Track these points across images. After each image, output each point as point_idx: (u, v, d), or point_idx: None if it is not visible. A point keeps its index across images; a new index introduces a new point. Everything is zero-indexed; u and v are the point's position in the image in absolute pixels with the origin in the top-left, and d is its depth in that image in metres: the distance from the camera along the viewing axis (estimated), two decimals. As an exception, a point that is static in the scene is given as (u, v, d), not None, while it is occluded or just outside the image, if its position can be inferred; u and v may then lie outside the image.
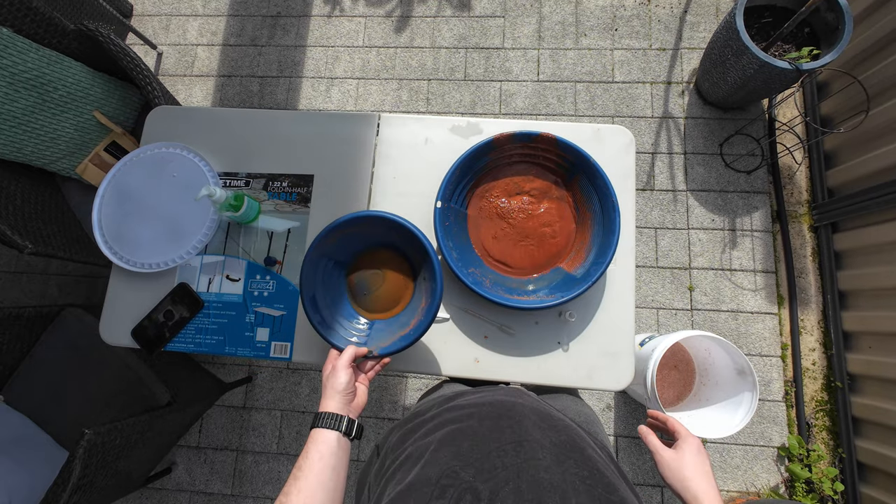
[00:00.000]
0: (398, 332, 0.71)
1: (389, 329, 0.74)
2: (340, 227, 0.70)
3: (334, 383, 0.61)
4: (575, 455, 0.43)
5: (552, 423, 0.49)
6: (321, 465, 0.53)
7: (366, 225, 0.72)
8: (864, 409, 1.37)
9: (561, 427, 0.48)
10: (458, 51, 1.82)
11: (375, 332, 0.74)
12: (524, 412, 0.49)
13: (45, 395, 1.19)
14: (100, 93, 1.23)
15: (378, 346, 0.69)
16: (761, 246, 1.58)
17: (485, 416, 0.48)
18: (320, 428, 0.56)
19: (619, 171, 0.88)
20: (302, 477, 0.51)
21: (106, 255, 0.89)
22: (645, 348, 1.33)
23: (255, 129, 0.95)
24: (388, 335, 0.72)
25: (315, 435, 0.56)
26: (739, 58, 1.39)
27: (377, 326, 0.75)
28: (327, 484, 0.52)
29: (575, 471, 0.39)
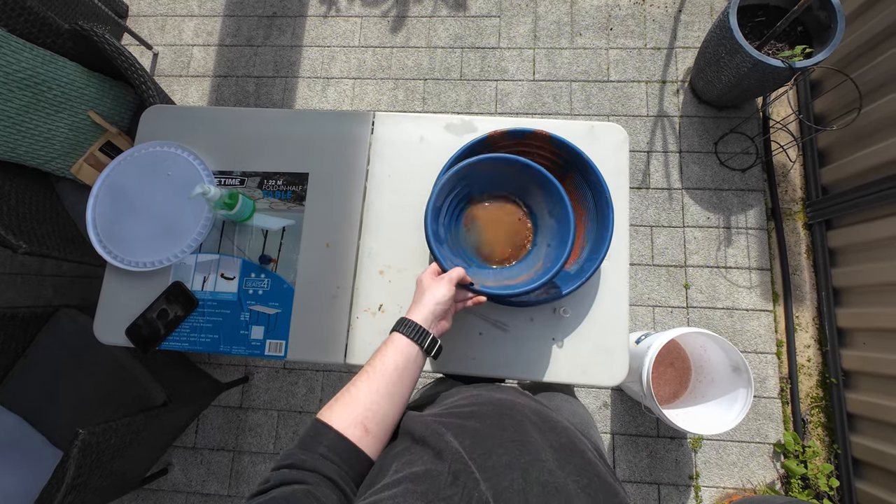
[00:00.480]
0: (503, 281, 0.69)
1: (494, 275, 0.72)
2: (499, 161, 0.70)
3: (435, 292, 0.58)
4: (575, 459, 0.42)
5: (552, 424, 0.48)
6: (396, 375, 0.51)
7: (518, 170, 0.71)
8: (859, 405, 1.38)
9: (560, 429, 0.48)
10: (453, 50, 1.82)
11: (477, 271, 0.72)
12: (524, 412, 0.49)
13: (40, 395, 1.19)
14: (94, 92, 1.23)
15: (480, 283, 0.66)
16: (756, 243, 1.59)
17: (486, 414, 0.48)
18: (403, 335, 0.54)
19: (612, 168, 0.88)
20: (375, 379, 0.50)
21: (100, 253, 0.89)
22: (641, 346, 1.33)
23: (250, 128, 0.95)
24: (491, 279, 0.70)
25: (396, 340, 0.54)
26: (733, 56, 1.40)
27: (481, 268, 0.74)
28: (396, 395, 0.50)
29: (576, 477, 0.39)
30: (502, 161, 0.71)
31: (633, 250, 1.61)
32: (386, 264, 0.87)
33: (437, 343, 0.57)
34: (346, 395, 0.48)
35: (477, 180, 0.74)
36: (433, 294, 0.58)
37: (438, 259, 0.65)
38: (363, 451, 0.45)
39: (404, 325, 0.56)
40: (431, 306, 0.57)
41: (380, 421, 0.47)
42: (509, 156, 0.71)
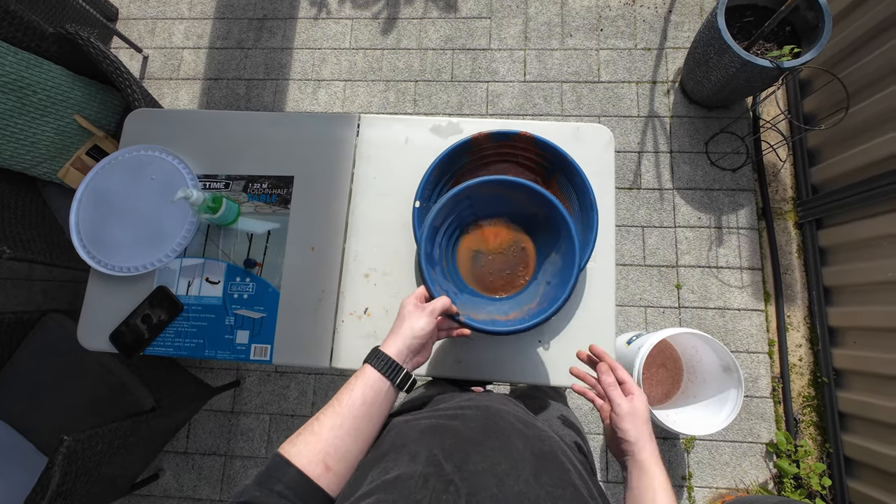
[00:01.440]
0: (493, 315, 0.64)
1: (485, 307, 0.67)
2: (501, 183, 0.66)
3: (414, 324, 0.55)
4: (552, 468, 0.42)
5: (536, 431, 0.48)
6: (364, 410, 0.49)
7: (520, 193, 0.67)
8: (851, 404, 1.38)
9: (544, 437, 0.48)
10: (444, 52, 1.82)
11: (468, 300, 0.67)
12: (508, 419, 0.49)
13: (27, 402, 1.18)
14: (80, 96, 1.22)
15: (467, 314, 0.62)
16: (747, 243, 1.59)
17: (470, 418, 0.48)
18: (374, 369, 0.52)
19: (598, 169, 0.88)
20: (341, 414, 0.48)
21: (84, 258, 0.88)
22: (632, 346, 1.33)
23: (234, 131, 0.95)
24: (479, 311, 0.65)
25: (367, 373, 0.52)
26: (721, 56, 1.40)
27: (473, 296, 0.69)
28: (362, 432, 0.48)
29: (550, 488, 0.39)
30: (509, 185, 0.66)
31: (625, 251, 1.61)
32: (371, 267, 0.87)
33: (410, 378, 0.54)
34: (309, 430, 0.47)
35: (481, 202, 0.69)
36: (412, 326, 0.55)
37: (427, 282, 0.61)
38: (322, 488, 0.44)
39: (376, 358, 0.53)
40: (408, 339, 0.54)
41: (342, 458, 0.46)
42: (520, 181, 0.66)
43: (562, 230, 0.65)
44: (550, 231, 0.67)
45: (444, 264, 0.69)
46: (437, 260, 0.67)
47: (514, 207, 0.70)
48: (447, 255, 0.71)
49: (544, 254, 0.70)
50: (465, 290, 0.70)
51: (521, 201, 0.68)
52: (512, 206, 0.70)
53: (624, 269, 1.60)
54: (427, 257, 0.63)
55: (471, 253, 0.73)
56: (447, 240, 0.71)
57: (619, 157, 1.68)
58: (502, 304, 0.69)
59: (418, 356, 0.57)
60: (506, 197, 0.69)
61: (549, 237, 0.68)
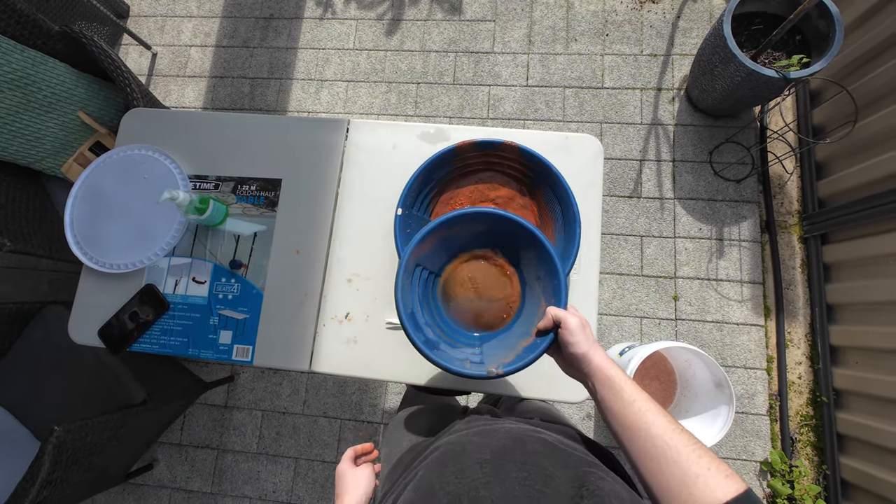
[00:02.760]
0: (520, 343, 0.60)
1: (506, 342, 0.63)
2: (436, 229, 0.62)
3: (358, 494, 0.60)
4: (515, 455, 0.43)
5: (493, 435, 0.49)
6: None
7: (465, 224, 0.64)
8: (850, 426, 1.34)
9: (502, 433, 0.49)
10: (447, 54, 1.82)
11: (490, 347, 0.64)
12: (467, 439, 0.50)
13: (26, 390, 1.21)
14: (84, 93, 1.25)
15: (500, 362, 0.57)
16: (749, 256, 1.56)
17: (431, 463, 0.48)
18: None
19: (585, 180, 0.87)
20: None
21: (76, 254, 0.91)
22: (623, 358, 1.31)
23: (226, 133, 0.96)
24: (506, 349, 0.61)
25: None
26: (727, 65, 1.37)
27: (489, 340, 0.65)
28: None
29: (515, 474, 0.40)
30: (442, 226, 0.62)
31: (622, 260, 1.59)
32: (354, 272, 0.87)
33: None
34: None
35: (433, 256, 0.66)
36: (363, 488, 0.61)
37: (441, 365, 0.57)
38: None
39: None
40: (364, 498, 0.60)
41: None
42: (491, 210, 0.62)
43: (538, 250, 0.62)
44: (535, 264, 0.64)
45: (434, 322, 0.65)
46: (424, 321, 0.63)
47: (499, 236, 0.66)
48: (430, 291, 0.67)
49: (530, 288, 0.66)
50: (483, 339, 0.66)
51: (508, 232, 0.64)
52: (497, 235, 0.66)
53: (620, 279, 1.58)
54: (425, 343, 0.59)
55: (455, 289, 0.68)
56: (424, 284, 0.67)
57: (619, 165, 1.66)
58: (518, 326, 0.65)
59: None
60: (489, 227, 0.65)
61: (534, 269, 0.64)
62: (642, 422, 0.43)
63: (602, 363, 0.50)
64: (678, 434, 0.41)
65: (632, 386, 0.47)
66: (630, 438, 0.44)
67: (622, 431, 0.45)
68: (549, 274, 0.60)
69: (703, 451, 0.39)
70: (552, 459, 0.43)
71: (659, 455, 0.41)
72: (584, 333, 0.52)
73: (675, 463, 0.39)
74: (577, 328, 0.52)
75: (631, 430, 0.44)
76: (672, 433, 0.41)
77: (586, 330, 0.53)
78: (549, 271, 0.60)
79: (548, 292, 0.61)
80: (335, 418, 1.56)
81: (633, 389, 0.47)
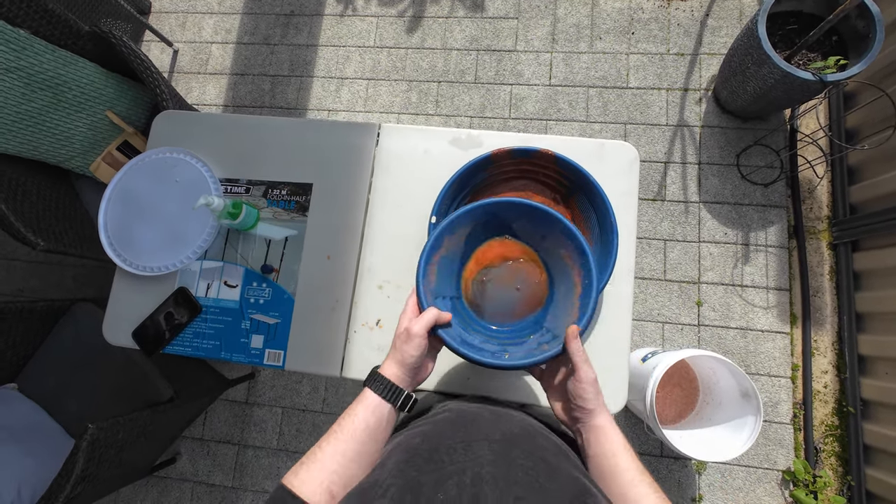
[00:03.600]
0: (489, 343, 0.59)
1: (484, 331, 0.63)
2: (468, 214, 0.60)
3: (405, 354, 0.52)
4: (524, 444, 0.44)
5: (508, 417, 0.50)
6: (366, 435, 0.49)
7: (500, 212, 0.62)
8: (877, 438, 1.32)
9: (516, 421, 0.49)
10: (469, 52, 1.80)
11: (468, 319, 0.63)
12: (480, 412, 0.51)
13: (57, 385, 1.24)
14: (112, 93, 1.26)
15: (462, 338, 0.57)
16: (775, 262, 1.53)
17: (440, 420, 0.49)
18: (376, 393, 0.51)
19: (621, 189, 0.86)
20: (343, 440, 0.47)
21: (111, 257, 0.92)
22: (646, 364, 1.30)
23: (257, 136, 0.96)
24: (478, 337, 0.61)
25: (368, 398, 0.51)
26: (760, 67, 1.33)
27: (473, 319, 0.64)
28: (365, 456, 0.48)
29: (521, 461, 0.40)
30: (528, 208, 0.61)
31: (645, 264, 1.57)
32: (385, 279, 0.87)
33: (411, 398, 0.53)
34: (312, 458, 0.47)
35: (496, 221, 0.64)
36: (403, 353, 0.52)
37: (419, 295, 0.57)
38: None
39: (376, 382, 0.52)
40: (406, 361, 0.52)
41: (346, 485, 0.45)
42: (539, 206, 0.60)
43: (573, 245, 0.59)
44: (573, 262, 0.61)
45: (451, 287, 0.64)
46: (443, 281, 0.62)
47: (533, 226, 0.64)
48: (453, 278, 0.66)
49: (557, 285, 0.64)
50: (465, 314, 0.65)
51: (541, 223, 0.62)
52: (530, 225, 0.64)
53: (643, 283, 1.56)
54: (426, 265, 0.58)
55: (479, 275, 0.66)
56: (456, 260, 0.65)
57: (644, 167, 1.63)
58: (504, 331, 0.64)
59: (419, 374, 0.55)
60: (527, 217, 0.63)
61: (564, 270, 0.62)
62: (633, 493, 0.44)
63: (604, 424, 0.49)
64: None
65: (629, 454, 0.47)
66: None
67: (609, 495, 0.45)
68: (584, 268, 0.57)
69: None
70: (558, 459, 0.43)
71: None
72: (594, 390, 0.51)
73: None
74: (592, 382, 0.50)
75: (618, 498, 0.44)
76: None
77: (597, 385, 0.51)
78: (582, 263, 0.58)
79: (583, 288, 0.57)
80: (354, 417, 1.57)
81: (629, 458, 0.46)
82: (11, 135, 1.13)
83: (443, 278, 0.62)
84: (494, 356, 0.55)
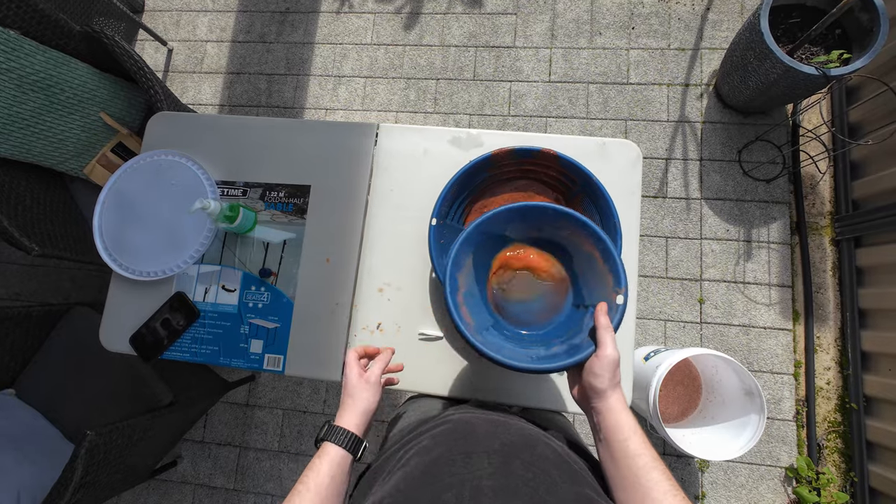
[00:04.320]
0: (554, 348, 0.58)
1: (504, 331, 0.63)
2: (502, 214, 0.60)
3: (367, 402, 0.56)
4: (524, 455, 0.43)
5: (506, 426, 0.49)
6: (332, 488, 0.50)
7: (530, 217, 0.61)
8: (880, 434, 1.32)
9: (514, 429, 0.49)
10: (467, 49, 1.77)
11: (494, 325, 0.62)
12: (479, 422, 0.50)
13: (55, 390, 1.23)
14: (106, 94, 1.24)
15: (485, 339, 0.58)
16: (778, 259, 1.52)
17: (438, 433, 0.49)
18: (336, 445, 0.53)
19: (624, 189, 0.84)
20: (309, 499, 0.48)
21: (106, 262, 0.90)
22: (650, 363, 1.29)
23: (253, 137, 0.94)
24: (500, 338, 0.61)
25: (330, 452, 0.52)
26: (762, 62, 1.31)
27: (498, 325, 0.63)
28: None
29: (521, 472, 0.40)
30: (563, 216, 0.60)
31: (647, 262, 1.56)
32: (385, 282, 0.86)
33: (365, 446, 0.56)
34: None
35: (492, 237, 0.64)
36: (359, 403, 0.56)
37: (473, 344, 0.55)
38: None
39: (338, 435, 0.53)
40: (369, 409, 0.56)
41: None
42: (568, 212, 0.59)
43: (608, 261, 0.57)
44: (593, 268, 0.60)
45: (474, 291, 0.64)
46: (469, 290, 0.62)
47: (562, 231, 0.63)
48: (478, 284, 0.65)
49: (576, 263, 0.64)
50: (488, 315, 0.65)
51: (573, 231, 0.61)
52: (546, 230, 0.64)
53: (645, 281, 1.55)
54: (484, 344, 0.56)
55: (504, 278, 0.66)
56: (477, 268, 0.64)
57: (645, 164, 1.61)
58: (530, 337, 0.63)
59: (370, 420, 0.59)
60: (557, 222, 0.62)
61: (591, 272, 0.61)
62: (644, 479, 0.42)
63: (616, 405, 0.48)
64: (679, 501, 0.40)
65: (641, 438, 0.46)
66: (627, 490, 0.43)
67: (619, 480, 0.44)
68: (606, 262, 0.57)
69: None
70: (560, 470, 0.42)
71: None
72: (612, 370, 0.49)
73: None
74: (608, 364, 0.49)
75: (630, 483, 0.43)
76: (673, 499, 0.40)
77: (616, 370, 0.50)
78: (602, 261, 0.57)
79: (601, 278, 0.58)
80: (355, 418, 1.57)
81: (640, 442, 0.45)
82: (3, 137, 1.11)
83: (476, 312, 0.61)
84: (540, 359, 0.55)
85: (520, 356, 0.55)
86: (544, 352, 0.57)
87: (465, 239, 0.61)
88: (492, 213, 0.61)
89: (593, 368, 0.49)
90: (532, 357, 0.56)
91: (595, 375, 0.49)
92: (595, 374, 0.49)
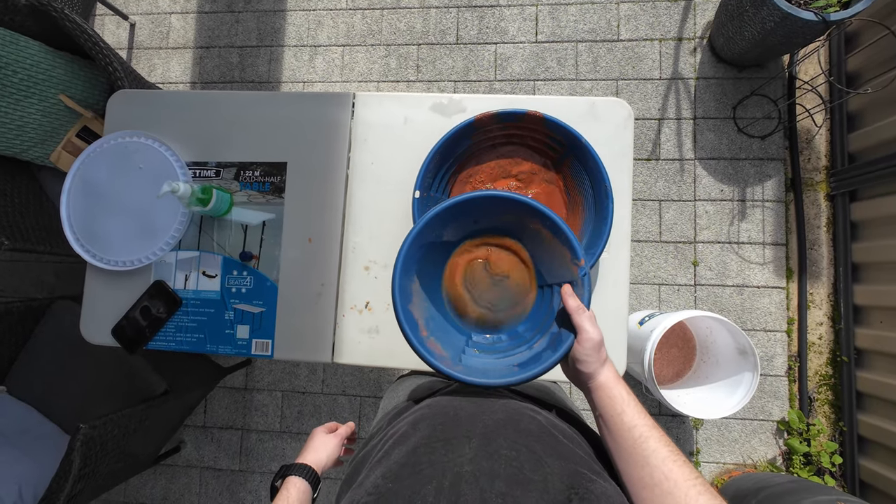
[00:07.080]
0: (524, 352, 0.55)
1: (474, 337, 0.59)
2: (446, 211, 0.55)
3: (324, 453, 0.64)
4: (507, 432, 0.42)
5: (489, 405, 0.48)
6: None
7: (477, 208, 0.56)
8: (870, 384, 1.34)
9: (498, 407, 0.48)
10: (448, 10, 1.68)
11: (453, 331, 0.59)
12: (459, 404, 0.49)
13: (46, 385, 1.21)
14: (63, 74, 1.16)
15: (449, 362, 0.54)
16: (772, 217, 1.50)
17: (418, 419, 0.48)
18: (301, 478, 0.58)
19: (615, 150, 0.81)
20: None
21: (78, 252, 0.86)
22: (644, 328, 1.29)
23: (223, 113, 0.89)
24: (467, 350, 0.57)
25: (295, 482, 0.58)
26: (759, 9, 1.25)
27: (457, 331, 0.60)
28: None
29: (504, 452, 0.39)
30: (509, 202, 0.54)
31: (640, 226, 1.54)
32: (371, 259, 0.83)
33: (320, 490, 0.61)
34: None
35: (480, 215, 0.58)
36: (323, 453, 0.64)
37: (442, 371, 0.52)
38: None
39: (300, 470, 0.59)
40: (320, 463, 0.62)
41: None
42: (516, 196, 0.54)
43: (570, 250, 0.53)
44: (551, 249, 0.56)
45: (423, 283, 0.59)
46: (415, 273, 0.58)
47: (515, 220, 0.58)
48: (432, 288, 0.61)
49: (532, 248, 0.59)
50: (448, 320, 0.61)
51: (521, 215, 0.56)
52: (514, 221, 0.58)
53: (638, 246, 1.53)
54: (429, 353, 0.53)
55: (467, 296, 0.61)
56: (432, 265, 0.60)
57: (637, 126, 1.56)
58: (511, 334, 0.59)
59: (322, 472, 0.64)
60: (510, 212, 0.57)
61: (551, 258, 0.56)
62: (641, 449, 0.42)
63: (606, 381, 0.48)
64: (679, 466, 0.39)
65: (635, 408, 0.45)
66: (626, 461, 0.43)
67: (619, 453, 0.44)
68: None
69: (703, 488, 0.38)
70: (544, 444, 0.42)
71: (654, 485, 0.39)
72: (596, 352, 0.48)
73: (670, 496, 0.38)
74: (591, 348, 0.47)
75: (628, 454, 0.43)
76: (672, 464, 0.39)
77: (601, 350, 0.48)
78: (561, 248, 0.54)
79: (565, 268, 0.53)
80: (354, 396, 1.58)
81: (635, 413, 0.44)
82: (-44, 127, 1.04)
83: (445, 340, 0.57)
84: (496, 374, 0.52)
85: (506, 370, 0.53)
86: (528, 353, 0.54)
87: (402, 270, 0.55)
88: (415, 231, 0.55)
89: (577, 356, 0.49)
90: (519, 364, 0.53)
91: (581, 362, 0.48)
92: (580, 360, 0.48)
